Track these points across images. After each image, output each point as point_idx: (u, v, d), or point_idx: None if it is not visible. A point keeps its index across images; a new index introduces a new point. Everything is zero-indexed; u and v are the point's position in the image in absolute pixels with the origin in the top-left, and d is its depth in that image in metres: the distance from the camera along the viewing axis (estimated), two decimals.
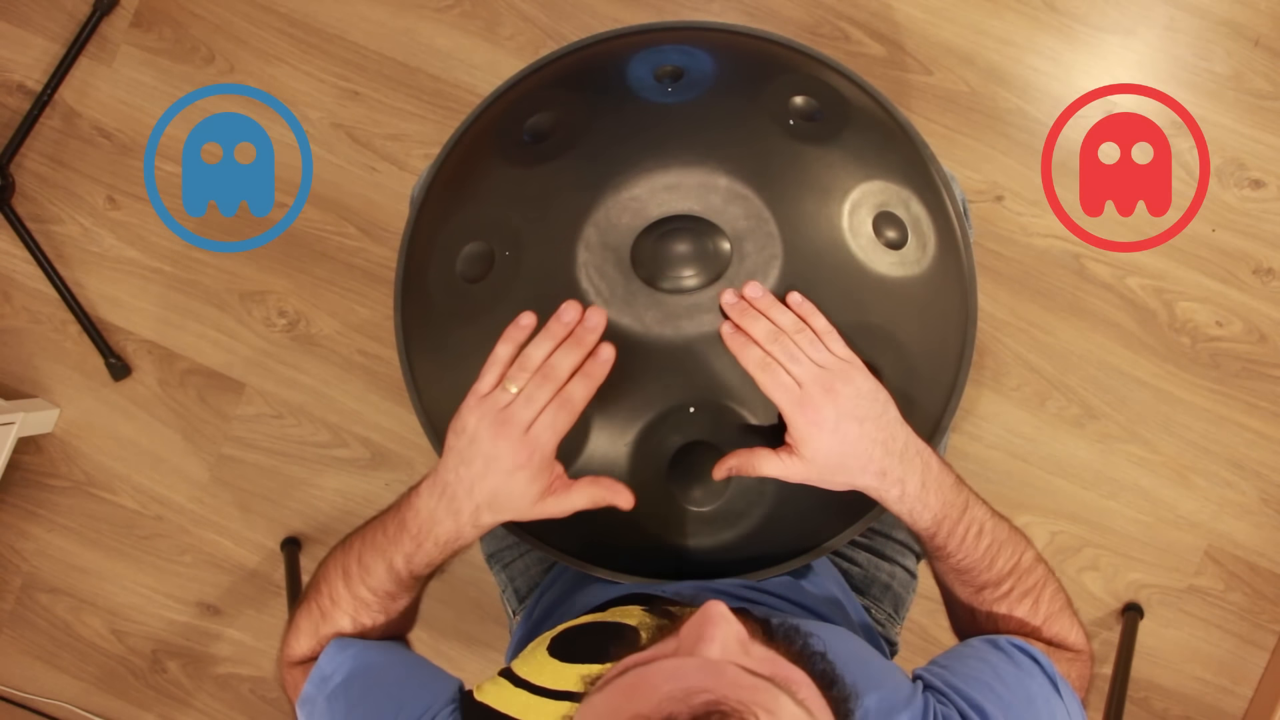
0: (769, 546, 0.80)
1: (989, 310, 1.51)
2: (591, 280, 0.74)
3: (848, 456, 0.70)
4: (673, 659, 0.49)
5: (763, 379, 0.69)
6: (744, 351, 0.70)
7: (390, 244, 1.56)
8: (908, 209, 0.78)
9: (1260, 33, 1.47)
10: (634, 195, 0.74)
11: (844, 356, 0.71)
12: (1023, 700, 0.64)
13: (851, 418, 0.69)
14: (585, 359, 0.70)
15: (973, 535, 0.73)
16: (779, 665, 0.51)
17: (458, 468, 0.69)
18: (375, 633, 0.76)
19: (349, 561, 0.75)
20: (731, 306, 0.72)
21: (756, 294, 0.72)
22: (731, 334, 0.71)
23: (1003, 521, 0.75)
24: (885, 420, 0.70)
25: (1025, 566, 0.75)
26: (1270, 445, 1.50)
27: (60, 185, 1.60)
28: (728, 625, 0.50)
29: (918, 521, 0.72)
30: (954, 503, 0.72)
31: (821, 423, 0.69)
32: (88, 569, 1.64)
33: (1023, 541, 0.76)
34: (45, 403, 1.62)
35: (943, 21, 1.50)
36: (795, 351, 0.70)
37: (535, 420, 0.68)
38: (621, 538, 0.79)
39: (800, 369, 0.69)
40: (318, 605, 0.76)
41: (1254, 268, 1.49)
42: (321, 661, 0.73)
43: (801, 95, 0.80)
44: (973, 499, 0.74)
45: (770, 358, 0.70)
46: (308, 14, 1.57)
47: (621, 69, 0.81)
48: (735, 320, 0.71)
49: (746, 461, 0.72)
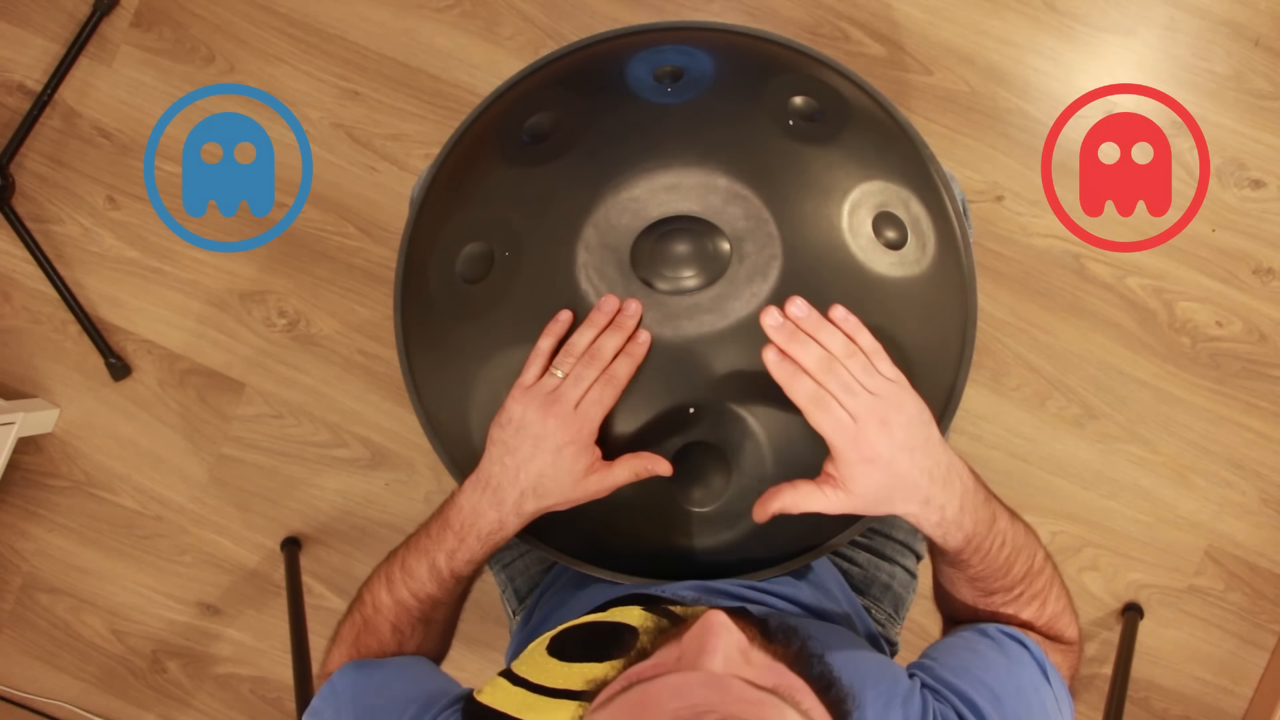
0: (769, 546, 0.80)
1: (989, 310, 1.51)
2: (591, 281, 0.74)
3: (896, 489, 0.67)
4: (676, 674, 0.49)
5: (816, 415, 0.65)
6: (794, 384, 0.65)
7: (390, 244, 1.57)
8: (907, 209, 0.78)
9: (1260, 33, 1.47)
10: (633, 196, 0.74)
11: (893, 378, 0.67)
12: (1013, 690, 0.64)
13: (904, 449, 0.66)
14: (626, 342, 0.72)
15: (996, 547, 0.71)
16: (780, 674, 0.51)
17: (502, 458, 0.71)
18: (412, 643, 0.77)
19: (392, 569, 0.76)
20: (777, 329, 0.66)
21: (802, 313, 0.66)
22: (778, 362, 0.66)
23: (1019, 524, 0.74)
24: (930, 445, 0.67)
25: (1036, 569, 0.74)
26: (1270, 445, 1.50)
27: (60, 185, 1.60)
28: (729, 635, 0.50)
29: (950, 542, 0.70)
30: (984, 519, 0.70)
31: (875, 460, 0.65)
32: (88, 569, 1.64)
33: (1035, 543, 0.75)
34: (45, 403, 1.62)
35: (943, 21, 1.50)
36: (850, 381, 0.65)
37: (584, 397, 0.71)
38: (622, 538, 0.79)
39: (855, 401, 0.65)
40: (360, 614, 0.78)
41: (1254, 268, 1.49)
42: (335, 678, 0.74)
43: (801, 95, 0.80)
44: (999, 510, 0.72)
45: (824, 390, 0.65)
46: (308, 14, 1.57)
47: (621, 69, 0.81)
48: (782, 345, 0.66)
49: (790, 500, 0.68)
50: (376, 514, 1.59)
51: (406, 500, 1.59)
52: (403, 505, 1.59)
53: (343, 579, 1.60)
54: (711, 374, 0.73)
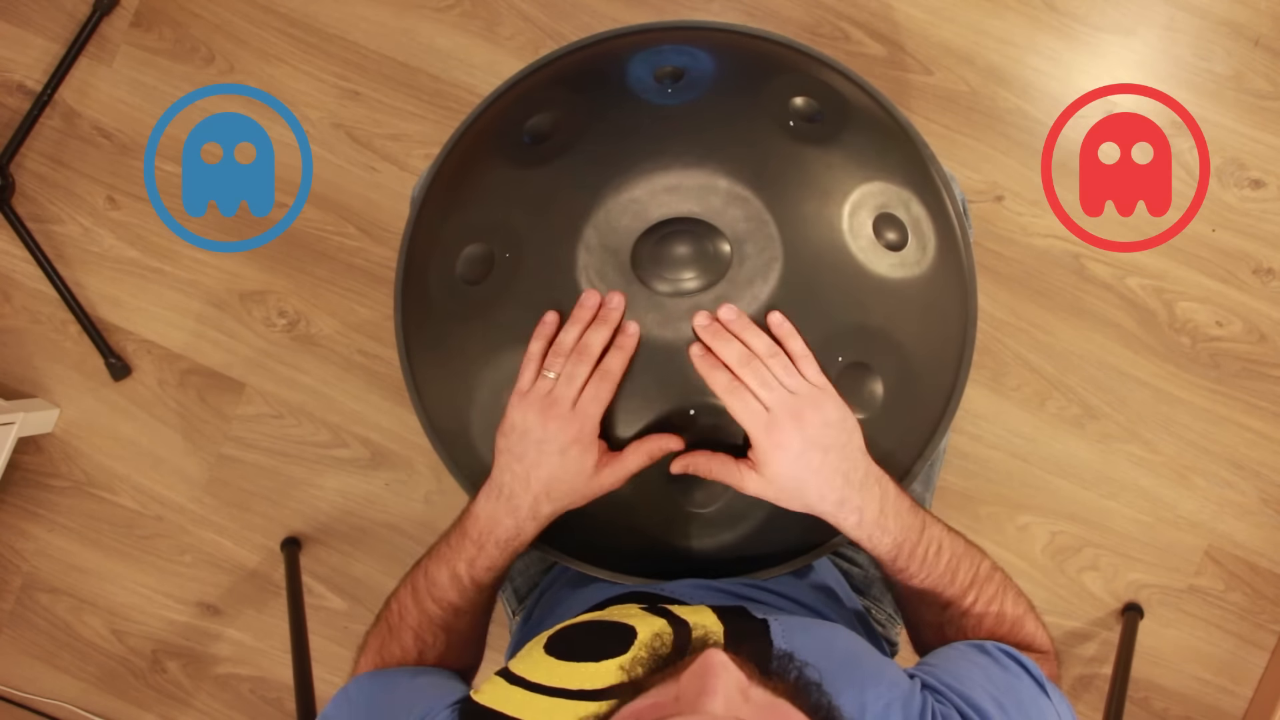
0: (769, 547, 0.80)
1: (989, 310, 1.51)
2: (591, 282, 0.74)
3: (808, 484, 0.70)
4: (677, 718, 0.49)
5: (730, 402, 0.70)
6: (711, 375, 0.70)
7: (390, 244, 1.56)
8: (908, 210, 0.78)
9: (1260, 33, 1.47)
10: (634, 197, 0.74)
11: (817, 383, 0.71)
12: (1015, 703, 0.64)
13: (817, 446, 0.69)
14: (614, 335, 0.72)
15: (933, 553, 0.73)
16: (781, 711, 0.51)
17: (511, 466, 0.72)
18: (433, 652, 0.78)
19: (416, 577, 0.77)
20: (704, 329, 0.71)
21: (730, 316, 0.71)
22: (700, 356, 0.71)
23: (958, 536, 0.76)
24: (849, 450, 0.71)
25: (984, 575, 0.76)
26: (1270, 445, 1.50)
27: (60, 185, 1.60)
28: (729, 675, 0.50)
29: (877, 546, 0.72)
30: (912, 525, 0.73)
31: (786, 448, 0.69)
32: (88, 569, 1.64)
33: (978, 552, 0.77)
34: (45, 403, 1.62)
35: (943, 21, 1.50)
36: (766, 376, 0.70)
37: (580, 395, 0.71)
38: (622, 538, 0.79)
39: (769, 394, 0.69)
40: (387, 622, 0.79)
41: (1254, 268, 1.49)
42: (350, 685, 0.74)
43: (801, 96, 0.80)
44: (929, 519, 0.75)
45: (738, 382, 0.70)
46: (308, 14, 1.57)
47: (621, 69, 0.81)
48: (706, 341, 0.71)
49: (705, 464, 0.72)
50: (376, 514, 1.59)
51: (406, 500, 1.59)
52: (403, 505, 1.59)
53: (343, 579, 1.60)
54: None
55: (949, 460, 1.50)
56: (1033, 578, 1.52)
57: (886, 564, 0.74)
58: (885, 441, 0.75)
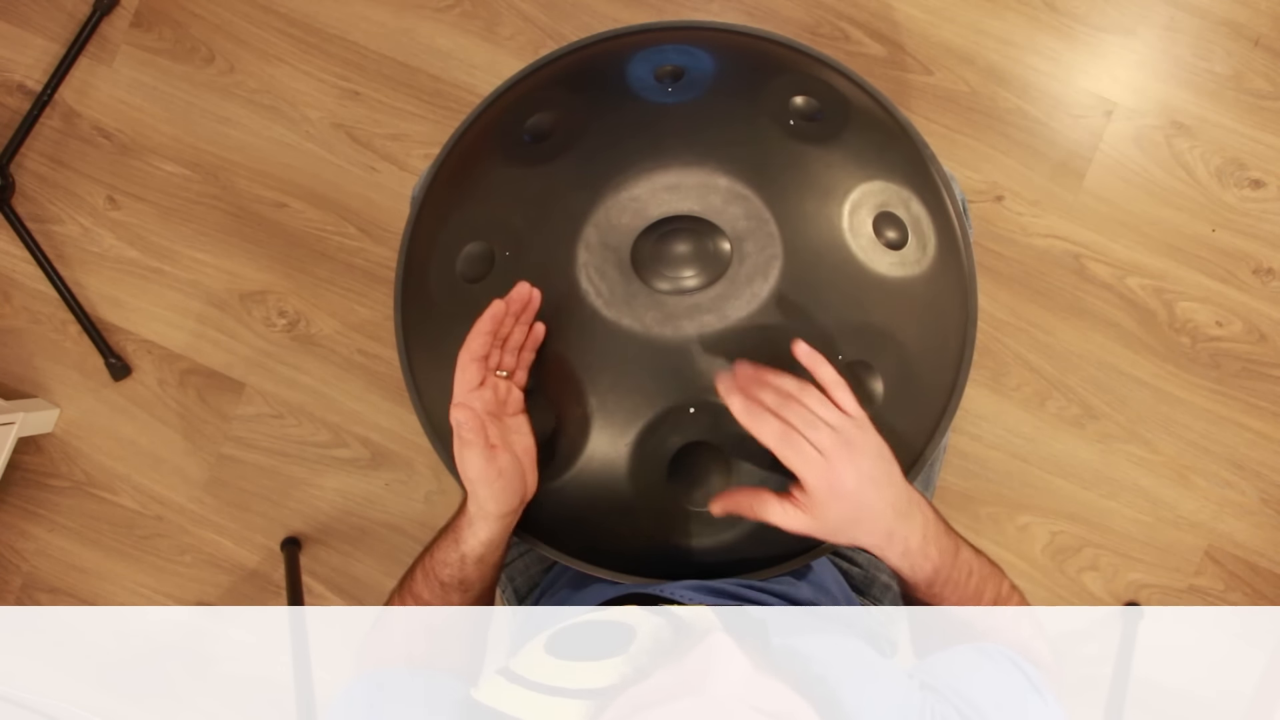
0: (769, 546, 0.80)
1: (989, 310, 1.51)
2: (592, 280, 0.74)
3: (860, 522, 0.69)
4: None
5: (784, 453, 0.67)
6: (760, 425, 0.67)
7: (390, 244, 1.56)
8: (908, 209, 0.78)
9: (1260, 33, 1.47)
10: (634, 195, 0.74)
11: (853, 413, 0.69)
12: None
13: (870, 483, 0.68)
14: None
15: (964, 577, 0.73)
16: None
17: None
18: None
19: (426, 558, 0.79)
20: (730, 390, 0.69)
21: (749, 371, 0.70)
22: (745, 408, 0.68)
23: (980, 554, 0.76)
24: (893, 478, 0.70)
25: (1005, 596, 0.76)
26: (1270, 445, 1.50)
27: (60, 185, 1.60)
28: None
29: (918, 575, 0.72)
30: (948, 549, 0.72)
31: (843, 492, 0.67)
32: (88, 569, 1.64)
33: (999, 571, 0.77)
34: (45, 403, 1.62)
35: (943, 21, 1.50)
36: (809, 416, 0.68)
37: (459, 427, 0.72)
38: (622, 538, 0.79)
39: (818, 435, 0.67)
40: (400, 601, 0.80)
41: (1254, 268, 1.49)
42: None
43: (801, 95, 0.80)
44: (960, 541, 0.74)
45: (789, 427, 0.67)
46: (308, 14, 1.57)
47: (622, 69, 0.81)
48: (740, 389, 0.69)
49: (748, 503, 0.70)
50: (376, 514, 1.59)
51: (406, 500, 1.59)
52: (403, 505, 1.59)
53: (343, 579, 1.60)
54: (711, 374, 0.73)
55: (949, 460, 1.50)
56: (1033, 578, 1.52)
57: (921, 589, 0.73)
58: (885, 441, 0.75)
